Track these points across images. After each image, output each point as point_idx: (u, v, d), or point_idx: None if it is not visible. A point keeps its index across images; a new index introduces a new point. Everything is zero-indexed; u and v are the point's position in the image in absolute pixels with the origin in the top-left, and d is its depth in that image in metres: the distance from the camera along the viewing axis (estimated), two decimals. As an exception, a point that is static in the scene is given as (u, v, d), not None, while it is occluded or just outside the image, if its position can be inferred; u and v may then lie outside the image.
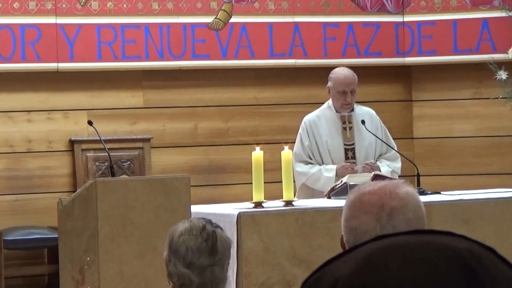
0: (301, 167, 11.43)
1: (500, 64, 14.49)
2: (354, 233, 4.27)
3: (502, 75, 14.35)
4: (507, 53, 14.55)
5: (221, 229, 6.11)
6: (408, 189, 4.46)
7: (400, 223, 4.26)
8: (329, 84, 11.83)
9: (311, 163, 11.69)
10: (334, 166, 11.64)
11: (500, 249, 1.84)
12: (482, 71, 14.76)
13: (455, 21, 15.28)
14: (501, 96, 14.52)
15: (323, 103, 11.83)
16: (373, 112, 12.05)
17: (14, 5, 14.30)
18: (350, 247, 4.45)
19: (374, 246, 1.71)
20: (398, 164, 11.61)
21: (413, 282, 1.61)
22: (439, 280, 1.63)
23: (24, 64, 14.44)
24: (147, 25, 14.81)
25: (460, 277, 1.62)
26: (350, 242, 4.34)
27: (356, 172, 11.43)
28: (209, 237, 5.95)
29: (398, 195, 4.31)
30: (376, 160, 11.80)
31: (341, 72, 12.03)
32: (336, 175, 11.59)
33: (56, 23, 14.56)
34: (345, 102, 11.76)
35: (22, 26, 14.47)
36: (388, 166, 11.48)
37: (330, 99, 11.86)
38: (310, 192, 11.62)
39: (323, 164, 11.88)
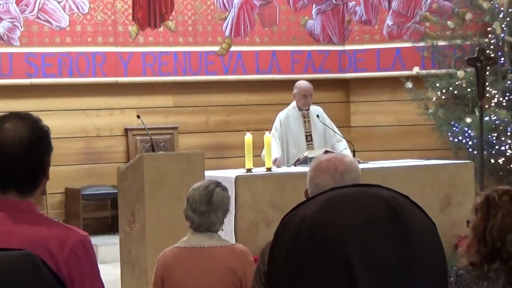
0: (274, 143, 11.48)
1: (408, 78, 14.57)
2: (317, 187, 4.35)
3: (409, 85, 14.44)
4: (412, 70, 14.60)
5: (223, 188, 6.16)
6: (351, 158, 4.73)
7: (348, 180, 4.35)
8: (295, 91, 11.89)
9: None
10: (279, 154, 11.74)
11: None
12: (396, 82, 14.84)
13: (378, 49, 15.35)
14: (408, 99, 14.59)
15: (289, 104, 11.82)
16: (321, 109, 12.08)
17: (88, 39, 14.35)
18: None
19: (328, 194, 1.88)
20: (346, 145, 11.67)
21: (355, 218, 1.78)
22: (373, 217, 1.80)
23: (94, 78, 14.52)
24: (175, 52, 14.88)
25: (387, 215, 1.79)
26: (313, 193, 4.47)
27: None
28: (208, 192, 6.02)
29: (346, 162, 4.50)
30: (333, 145, 11.81)
31: (303, 83, 12.08)
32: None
33: (116, 51, 14.60)
34: (306, 102, 11.79)
35: (93, 53, 14.51)
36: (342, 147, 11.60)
37: (294, 101, 11.87)
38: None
39: (288, 143, 11.96)
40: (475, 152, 12.98)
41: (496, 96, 13.87)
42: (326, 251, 1.67)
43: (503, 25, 14.06)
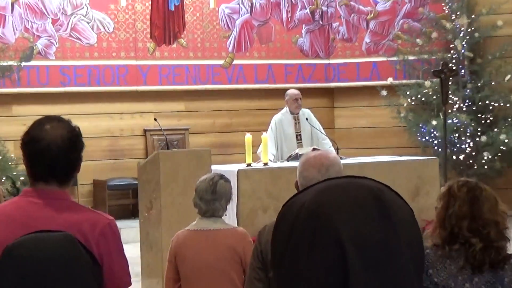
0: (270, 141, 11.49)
1: (383, 87, 14.59)
2: (305, 179, 4.44)
3: (384, 93, 14.45)
4: (386, 81, 14.59)
5: (226, 180, 6.15)
6: (334, 155, 4.86)
7: (332, 173, 4.39)
8: (286, 98, 11.90)
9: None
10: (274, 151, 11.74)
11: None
12: (373, 91, 14.82)
13: (358, 63, 15.31)
14: (383, 105, 14.58)
15: (282, 109, 11.80)
16: (309, 111, 12.07)
17: (113, 54, 14.35)
18: (302, 187, 4.50)
19: (324, 184, 1.87)
20: (330, 144, 11.64)
21: (345, 202, 1.80)
22: (360, 202, 1.82)
23: (118, 87, 14.52)
24: (187, 65, 14.87)
25: (373, 204, 1.81)
26: (302, 184, 4.52)
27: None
28: (212, 184, 6.02)
29: (330, 158, 4.59)
30: (319, 144, 11.73)
31: (293, 90, 12.14)
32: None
33: (136, 64, 14.59)
34: (297, 104, 11.78)
35: (117, 66, 14.49)
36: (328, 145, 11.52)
37: (286, 106, 11.87)
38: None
39: (281, 141, 11.95)
40: (439, 150, 13.00)
41: (458, 102, 13.91)
42: (321, 228, 1.70)
43: (463, 43, 14.11)
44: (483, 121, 14.00)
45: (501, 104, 14.05)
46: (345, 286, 1.70)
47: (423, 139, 14.21)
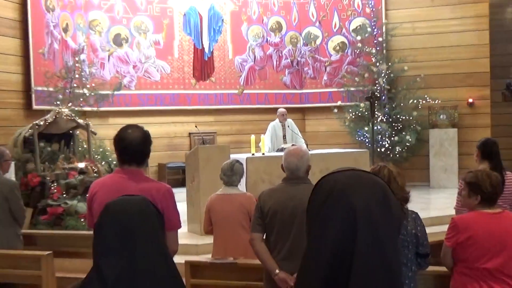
0: (266, 140, 11.42)
1: (335, 107, 14.59)
2: (288, 163, 4.48)
3: (335, 110, 14.40)
4: (337, 103, 14.56)
5: (240, 163, 6.19)
6: (305, 148, 4.88)
7: (304, 160, 4.50)
8: (277, 113, 11.98)
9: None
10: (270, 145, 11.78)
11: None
12: (329, 109, 14.72)
13: (319, 92, 15.17)
14: (335, 118, 14.56)
15: (274, 120, 11.78)
16: (291, 121, 12.08)
17: (170, 86, 14.30)
18: (286, 169, 4.60)
19: (349, 172, 1.66)
20: (303, 141, 11.54)
21: (360, 186, 1.62)
22: (372, 192, 1.62)
23: (173, 106, 14.55)
24: (215, 94, 14.81)
25: (380, 192, 1.62)
26: (286, 166, 4.55)
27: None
28: (231, 165, 6.07)
29: (303, 150, 4.66)
30: (296, 141, 11.65)
31: (281, 109, 12.17)
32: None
33: (184, 93, 14.60)
34: (283, 118, 11.84)
35: (173, 94, 14.46)
36: (302, 142, 11.36)
37: (277, 118, 11.90)
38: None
39: (275, 139, 11.92)
40: (369, 145, 12.94)
41: (380, 116, 13.89)
42: (343, 201, 1.59)
43: (384, 80, 14.07)
44: (395, 128, 13.96)
45: (406, 118, 14.02)
46: (353, 251, 1.59)
47: (359, 139, 14.20)
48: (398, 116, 14.04)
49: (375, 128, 13.21)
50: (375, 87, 14.11)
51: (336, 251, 1.58)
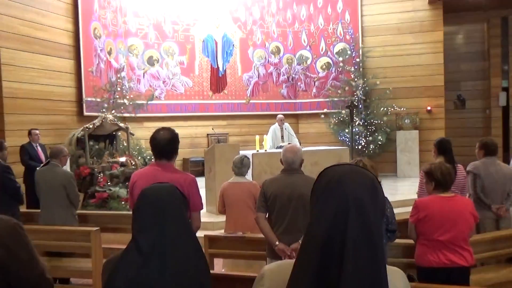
0: (268, 139, 11.35)
1: (322, 113, 14.48)
2: (285, 158, 4.42)
3: (322, 116, 14.30)
4: (323, 110, 14.50)
5: (247, 158, 6.16)
6: (299, 146, 4.71)
7: (298, 156, 4.44)
8: (277, 119, 11.86)
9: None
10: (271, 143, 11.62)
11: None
12: (317, 115, 14.68)
13: (310, 102, 15.09)
14: (322, 122, 14.49)
15: (274, 123, 11.71)
16: (288, 124, 12.00)
17: (191, 98, 14.23)
18: (284, 163, 4.49)
19: (346, 166, 1.60)
20: (297, 141, 11.48)
21: (352, 178, 1.55)
22: (363, 183, 1.55)
23: (194, 113, 14.48)
24: (227, 103, 14.74)
25: (370, 184, 1.54)
26: (284, 160, 4.48)
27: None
28: (241, 159, 6.04)
29: (297, 147, 4.60)
30: (291, 141, 11.53)
31: (280, 115, 12.05)
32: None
33: (204, 103, 14.57)
34: (281, 122, 11.73)
35: (194, 104, 14.43)
36: (296, 141, 11.30)
37: (276, 123, 11.80)
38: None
39: (275, 139, 11.79)
40: (350, 144, 12.91)
41: (358, 120, 13.85)
42: (339, 190, 1.52)
43: (360, 92, 14.01)
44: (370, 130, 13.88)
45: (378, 122, 13.92)
46: (345, 230, 1.52)
47: (341, 139, 14.09)
48: (372, 120, 13.93)
49: (354, 130, 13.12)
50: (354, 98, 13.98)
51: (330, 230, 1.52)
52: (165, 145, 3.88)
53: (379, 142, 13.79)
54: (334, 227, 1.52)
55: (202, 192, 8.25)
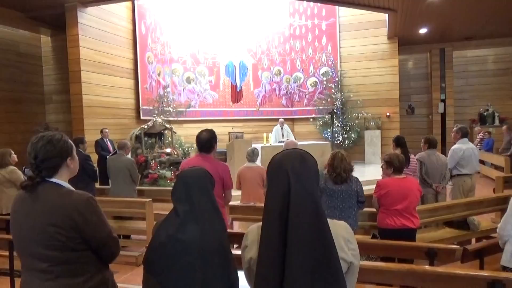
0: (272, 137, 11.25)
1: (311, 118, 14.39)
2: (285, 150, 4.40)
3: (311, 119, 14.21)
4: (312, 115, 14.40)
5: (257, 149, 6.07)
6: (295, 141, 4.68)
7: (296, 147, 4.40)
8: (278, 121, 11.83)
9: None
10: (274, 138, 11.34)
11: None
12: (307, 120, 14.56)
13: (302, 109, 14.94)
14: (311, 124, 14.40)
15: (277, 124, 11.62)
16: (287, 125, 11.93)
17: (217, 107, 14.13)
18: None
19: (286, 151, 1.57)
20: (293, 137, 11.42)
21: (291, 158, 1.52)
22: (295, 156, 1.52)
23: (219, 117, 14.33)
24: (243, 110, 14.66)
25: (299, 157, 1.52)
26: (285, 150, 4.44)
27: None
28: (253, 150, 5.94)
29: (293, 141, 4.56)
30: (289, 138, 11.42)
31: (281, 119, 12.02)
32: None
33: (226, 110, 14.48)
34: (281, 125, 11.69)
35: (220, 110, 14.34)
36: (293, 138, 11.23)
37: (278, 124, 11.75)
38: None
39: (278, 137, 11.60)
40: (331, 140, 12.85)
41: (337, 123, 13.75)
42: (281, 167, 1.47)
43: (339, 102, 13.90)
44: (345, 130, 13.80)
45: (352, 124, 13.84)
46: (289, 194, 1.47)
47: (325, 136, 13.98)
48: (347, 123, 13.83)
49: (334, 130, 13.08)
50: (334, 107, 13.88)
51: (281, 198, 1.51)
52: (204, 142, 3.86)
53: (352, 139, 13.69)
54: (282, 194, 1.50)
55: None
